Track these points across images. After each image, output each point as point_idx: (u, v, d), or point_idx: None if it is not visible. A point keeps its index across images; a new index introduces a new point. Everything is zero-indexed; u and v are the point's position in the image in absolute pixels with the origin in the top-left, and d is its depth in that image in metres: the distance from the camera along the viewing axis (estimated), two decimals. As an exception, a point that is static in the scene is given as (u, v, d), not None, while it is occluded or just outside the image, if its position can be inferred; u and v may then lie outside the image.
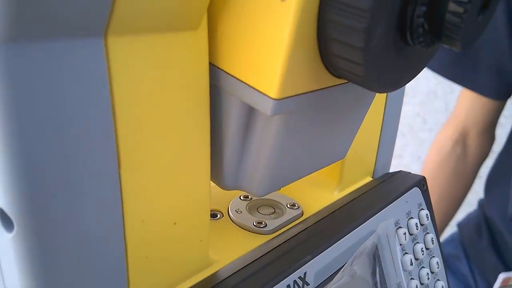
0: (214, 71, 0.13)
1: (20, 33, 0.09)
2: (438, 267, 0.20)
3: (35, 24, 0.09)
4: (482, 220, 0.65)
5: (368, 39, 0.11)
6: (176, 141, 0.12)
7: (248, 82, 0.12)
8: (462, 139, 0.61)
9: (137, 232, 0.12)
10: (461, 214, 0.71)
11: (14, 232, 0.10)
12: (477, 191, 0.71)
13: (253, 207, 0.18)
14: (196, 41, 0.12)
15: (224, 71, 0.12)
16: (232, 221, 0.17)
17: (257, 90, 0.12)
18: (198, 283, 0.14)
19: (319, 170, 0.16)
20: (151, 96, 0.11)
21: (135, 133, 0.11)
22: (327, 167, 0.17)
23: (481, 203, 0.67)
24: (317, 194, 0.19)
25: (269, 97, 0.11)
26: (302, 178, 0.16)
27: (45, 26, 0.09)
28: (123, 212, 0.11)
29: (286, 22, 0.10)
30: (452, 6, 0.11)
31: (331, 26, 0.11)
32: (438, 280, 0.20)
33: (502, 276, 0.52)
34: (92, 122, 0.10)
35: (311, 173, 0.16)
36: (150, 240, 0.12)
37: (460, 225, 0.70)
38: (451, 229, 0.70)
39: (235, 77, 0.12)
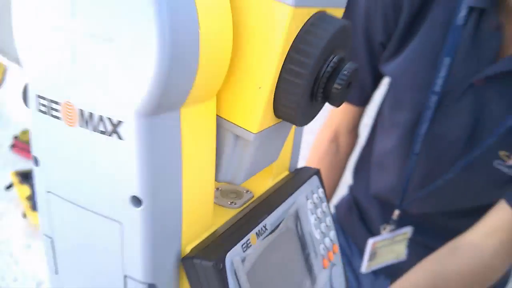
0: (219, 118, 0.23)
1: (159, 110, 0.18)
2: (330, 223, 0.33)
3: (167, 105, 0.19)
4: (352, 200, 0.82)
5: (299, 102, 0.22)
6: (203, 161, 0.23)
7: (239, 124, 0.23)
8: (335, 139, 0.76)
9: (187, 202, 0.22)
10: (336, 198, 0.88)
11: (142, 206, 0.20)
12: (347, 180, 0.88)
13: (224, 194, 0.29)
14: (214, 105, 0.22)
15: (225, 119, 0.23)
16: (215, 203, 0.28)
17: (245, 129, 0.23)
18: (212, 232, 0.24)
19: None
20: (197, 138, 0.22)
21: (188, 161, 0.21)
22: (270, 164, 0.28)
23: (351, 188, 0.84)
24: (260, 182, 0.30)
25: (252, 132, 0.22)
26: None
27: (167, 106, 0.19)
28: (182, 193, 0.21)
29: (263, 100, 0.22)
30: (333, 89, 0.23)
31: (281, 95, 0.22)
32: (331, 230, 0.33)
33: (370, 242, 0.68)
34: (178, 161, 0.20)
35: (263, 169, 0.27)
36: (191, 206, 0.23)
37: (336, 206, 0.87)
38: (330, 210, 0.86)
39: (231, 122, 0.23)
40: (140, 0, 0.16)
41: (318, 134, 0.79)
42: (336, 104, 0.24)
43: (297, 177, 0.32)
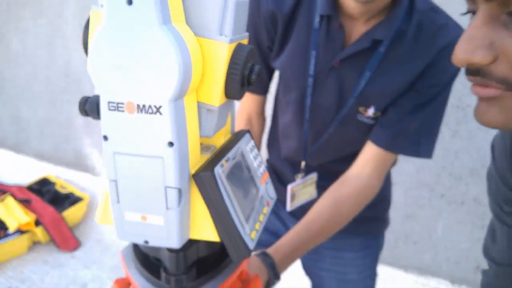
0: (198, 102, 0.44)
1: (177, 98, 0.39)
2: (261, 160, 0.56)
3: (180, 96, 0.39)
4: (270, 168, 1.06)
5: (236, 88, 0.44)
6: (194, 124, 0.43)
7: (209, 103, 0.44)
8: (249, 122, 0.99)
9: (190, 145, 0.43)
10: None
11: (174, 147, 0.40)
12: (264, 156, 1.12)
13: (202, 148, 0.50)
14: (195, 95, 0.43)
15: (201, 102, 0.44)
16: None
17: (212, 105, 0.44)
18: (202, 163, 0.45)
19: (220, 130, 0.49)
20: (190, 111, 0.42)
21: (188, 124, 0.42)
22: (222, 128, 0.50)
23: (267, 160, 1.08)
24: (218, 141, 0.52)
25: (216, 106, 0.44)
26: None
27: (180, 96, 0.39)
28: (188, 141, 0.42)
29: (220, 89, 0.43)
30: (252, 79, 0.45)
31: (228, 85, 0.44)
32: (262, 164, 0.55)
33: (289, 187, 0.92)
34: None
35: (220, 129, 0.49)
36: (191, 148, 0.43)
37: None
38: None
39: (204, 102, 0.44)
40: (169, 47, 0.37)
41: (235, 119, 1.02)
42: (253, 88, 0.46)
43: (238, 135, 0.54)
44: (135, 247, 0.53)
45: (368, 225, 1.01)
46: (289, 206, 0.93)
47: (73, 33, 2.54)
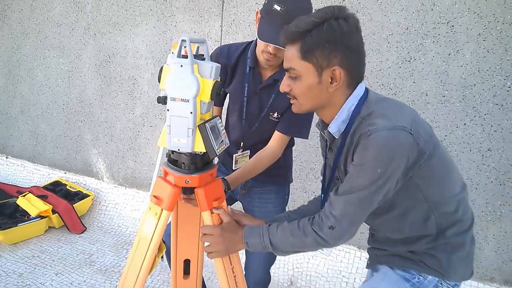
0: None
1: (194, 97, 1.15)
2: (223, 129, 1.32)
3: (195, 96, 1.15)
4: (225, 149, 1.81)
5: (216, 96, 1.20)
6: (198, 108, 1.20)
7: (204, 100, 1.19)
8: (218, 124, 1.75)
9: (197, 115, 1.18)
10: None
11: (191, 104, 1.16)
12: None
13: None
14: (199, 98, 1.19)
15: (201, 100, 1.20)
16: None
17: (206, 101, 1.19)
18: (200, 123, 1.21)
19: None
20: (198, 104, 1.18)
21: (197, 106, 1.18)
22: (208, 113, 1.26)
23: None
24: (207, 116, 1.28)
25: (207, 101, 1.19)
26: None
27: (195, 96, 1.15)
28: (197, 110, 1.18)
29: (209, 96, 1.19)
30: (221, 93, 1.22)
31: (212, 95, 1.20)
32: (223, 131, 1.31)
33: (234, 155, 1.67)
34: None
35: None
36: (197, 116, 1.19)
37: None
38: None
39: (203, 100, 1.20)
40: (194, 82, 1.13)
41: None
42: (218, 102, 1.23)
43: (215, 117, 1.29)
44: (168, 156, 1.26)
45: (279, 178, 1.76)
46: (233, 167, 1.67)
47: (89, 70, 3.28)
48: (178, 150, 1.19)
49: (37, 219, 2.91)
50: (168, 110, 1.17)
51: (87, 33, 3.18)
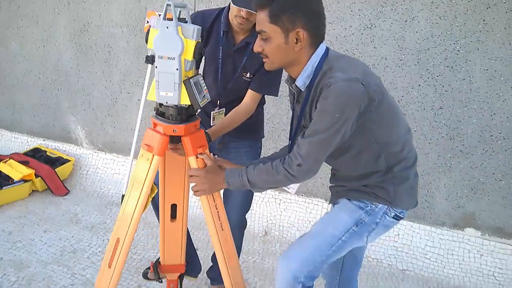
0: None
1: (179, 55, 1.31)
2: (204, 86, 1.48)
3: (181, 54, 1.31)
4: (203, 109, 1.98)
5: (198, 55, 1.36)
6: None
7: (188, 58, 1.36)
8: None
9: (182, 72, 1.35)
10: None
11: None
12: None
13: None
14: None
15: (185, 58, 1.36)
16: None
17: (188, 59, 1.35)
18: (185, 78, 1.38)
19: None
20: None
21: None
22: (190, 71, 1.42)
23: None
24: (190, 74, 1.44)
25: (190, 59, 1.35)
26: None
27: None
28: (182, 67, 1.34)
29: (191, 54, 1.35)
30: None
31: (194, 54, 1.36)
32: (205, 88, 1.48)
33: (212, 112, 1.84)
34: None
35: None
36: (182, 73, 1.35)
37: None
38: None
39: (186, 58, 1.36)
40: (178, 41, 1.29)
41: None
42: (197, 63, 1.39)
43: (197, 74, 1.46)
44: (157, 110, 1.42)
45: (252, 133, 1.92)
46: (211, 123, 1.85)
47: (64, 39, 3.33)
48: (166, 102, 1.36)
49: (21, 182, 3.01)
50: (156, 67, 1.32)
51: (61, 2, 3.22)
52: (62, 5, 3.21)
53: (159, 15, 2.81)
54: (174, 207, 1.73)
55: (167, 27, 1.29)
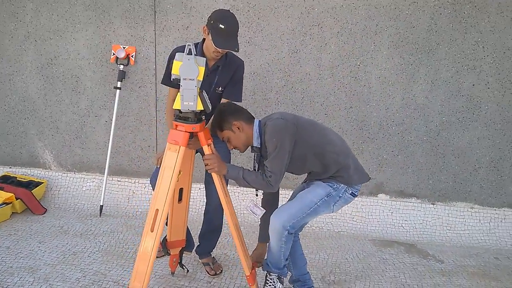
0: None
1: (197, 77, 1.91)
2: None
3: (196, 76, 1.92)
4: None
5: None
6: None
7: (199, 79, 1.96)
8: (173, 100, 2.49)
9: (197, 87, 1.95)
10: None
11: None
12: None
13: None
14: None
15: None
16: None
17: (199, 80, 1.96)
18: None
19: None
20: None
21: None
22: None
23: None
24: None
25: (201, 80, 1.96)
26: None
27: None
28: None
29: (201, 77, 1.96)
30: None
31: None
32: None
33: None
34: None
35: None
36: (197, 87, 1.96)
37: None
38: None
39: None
40: (196, 69, 1.89)
41: (168, 103, 2.54)
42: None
43: (202, 91, 2.06)
44: (177, 116, 1.99)
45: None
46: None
47: (30, 72, 3.61)
48: (188, 109, 1.94)
49: (3, 205, 3.23)
50: (181, 86, 1.91)
51: (27, 40, 3.53)
52: (28, 42, 3.52)
53: (124, 48, 3.34)
54: (181, 191, 2.29)
55: (188, 59, 1.89)
